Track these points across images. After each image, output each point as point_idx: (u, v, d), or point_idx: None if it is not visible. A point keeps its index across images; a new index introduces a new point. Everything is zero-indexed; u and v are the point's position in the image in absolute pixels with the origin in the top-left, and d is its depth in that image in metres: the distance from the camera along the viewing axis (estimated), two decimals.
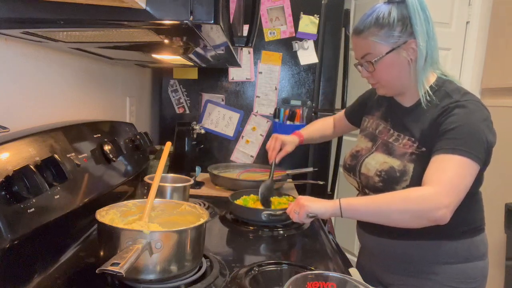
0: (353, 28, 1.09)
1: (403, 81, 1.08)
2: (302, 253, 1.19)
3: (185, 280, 0.87)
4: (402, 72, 1.06)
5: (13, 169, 0.75)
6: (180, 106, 2.15)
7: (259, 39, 2.02)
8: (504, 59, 2.28)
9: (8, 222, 0.71)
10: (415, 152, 1.05)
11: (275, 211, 1.29)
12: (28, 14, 0.69)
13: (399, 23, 1.01)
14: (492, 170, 1.07)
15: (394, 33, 1.02)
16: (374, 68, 1.06)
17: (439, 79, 1.09)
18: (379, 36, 1.02)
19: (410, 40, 1.02)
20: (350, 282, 0.68)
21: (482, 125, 0.98)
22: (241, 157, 2.14)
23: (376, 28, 1.02)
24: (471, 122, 0.98)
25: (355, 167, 1.19)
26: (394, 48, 1.03)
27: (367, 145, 1.21)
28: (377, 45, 1.03)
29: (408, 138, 1.08)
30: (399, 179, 1.05)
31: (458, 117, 0.99)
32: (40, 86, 1.09)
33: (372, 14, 1.04)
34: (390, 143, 1.12)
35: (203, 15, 0.67)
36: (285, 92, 2.10)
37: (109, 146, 1.20)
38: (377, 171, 1.10)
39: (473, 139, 0.96)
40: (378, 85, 1.13)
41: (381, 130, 1.18)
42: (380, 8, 1.04)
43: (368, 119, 1.27)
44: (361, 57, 1.09)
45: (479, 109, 1.01)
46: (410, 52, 1.03)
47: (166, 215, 1.01)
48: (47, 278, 0.85)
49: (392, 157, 1.09)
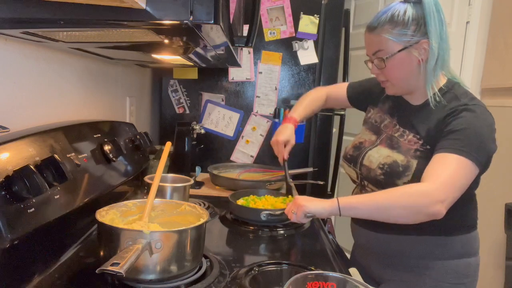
0: (367, 25, 1.10)
1: (412, 80, 1.09)
2: (302, 253, 1.19)
3: (185, 280, 0.87)
4: (412, 71, 1.07)
5: (13, 169, 0.75)
6: (180, 106, 2.15)
7: (259, 39, 2.02)
8: (504, 59, 2.28)
9: (8, 222, 0.71)
10: (420, 149, 1.07)
11: (275, 211, 1.29)
12: (28, 14, 0.69)
13: (414, 22, 1.02)
14: (492, 170, 1.07)
15: (408, 32, 1.03)
16: (385, 65, 1.07)
17: (449, 82, 1.11)
18: (392, 34, 1.03)
19: (423, 40, 1.03)
20: (350, 282, 0.68)
21: (487, 131, 1.01)
22: (241, 157, 2.14)
23: (390, 25, 1.03)
24: (477, 126, 1.00)
25: (357, 158, 1.20)
26: (406, 47, 1.04)
27: (370, 137, 1.22)
28: (390, 42, 1.04)
29: (413, 135, 1.10)
30: (401, 174, 1.07)
31: (465, 120, 1.01)
32: (40, 86, 1.09)
33: (387, 12, 1.05)
34: (395, 138, 1.14)
35: (203, 15, 0.67)
36: (285, 92, 2.10)
37: (109, 146, 1.20)
38: (380, 164, 1.11)
39: (477, 142, 0.98)
40: (388, 84, 1.13)
41: (387, 124, 1.19)
42: (396, 6, 1.05)
43: (373, 110, 1.27)
44: (373, 54, 1.10)
45: (486, 115, 1.03)
46: (422, 52, 1.04)
47: (166, 215, 1.01)
48: (47, 278, 0.85)
49: (396, 152, 1.10)
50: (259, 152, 2.13)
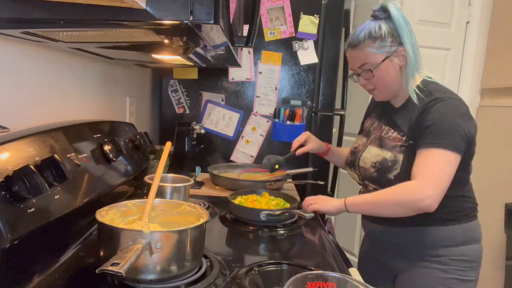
0: (347, 44, 1.25)
1: (397, 84, 1.23)
2: (302, 253, 1.19)
3: (185, 280, 0.87)
4: (396, 76, 1.22)
5: (13, 169, 0.75)
6: (180, 106, 2.15)
7: (259, 39, 2.02)
8: (504, 59, 2.28)
9: (8, 222, 0.71)
10: (404, 145, 1.20)
11: (274, 211, 1.30)
12: (28, 14, 0.69)
13: (389, 35, 1.18)
14: (492, 170, 1.07)
15: (386, 44, 1.18)
16: (373, 75, 1.21)
17: (424, 81, 1.24)
18: (374, 47, 1.19)
19: (400, 48, 1.19)
20: (350, 282, 0.68)
21: (458, 119, 1.12)
22: (241, 157, 2.14)
23: (370, 40, 1.19)
24: (448, 116, 1.13)
25: (354, 162, 1.36)
26: (388, 56, 1.19)
27: (362, 141, 1.37)
28: (373, 55, 1.19)
29: (398, 133, 1.24)
30: (391, 168, 1.21)
31: (436, 113, 1.13)
32: (40, 86, 1.09)
33: (364, 30, 1.19)
34: (382, 138, 1.28)
35: (203, 15, 0.67)
36: (285, 92, 2.10)
37: (109, 146, 1.20)
38: (372, 163, 1.26)
39: (451, 132, 1.11)
40: (376, 91, 1.27)
41: (375, 127, 1.34)
42: (370, 25, 1.20)
43: (367, 121, 1.43)
44: (359, 67, 1.24)
45: (455, 104, 1.15)
46: (401, 58, 1.20)
47: (166, 215, 1.01)
48: (47, 278, 0.85)
49: (384, 150, 1.25)
50: (259, 152, 2.13)
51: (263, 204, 1.38)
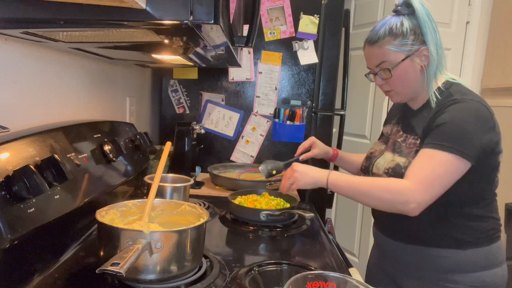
0: (366, 39, 1.15)
1: (416, 86, 1.13)
2: (302, 253, 1.19)
3: (185, 280, 0.87)
4: (416, 78, 1.12)
5: (13, 169, 0.75)
6: (180, 106, 2.15)
7: (259, 39, 2.02)
8: (504, 59, 2.28)
9: (8, 222, 0.71)
10: (418, 149, 1.09)
11: (274, 211, 1.29)
12: (28, 14, 0.69)
13: (411, 32, 1.08)
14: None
15: (408, 42, 1.08)
16: (391, 75, 1.11)
17: (447, 83, 1.13)
18: (394, 45, 1.08)
19: (422, 48, 1.08)
20: (350, 282, 0.68)
21: (474, 123, 1.01)
22: (241, 157, 2.14)
23: (390, 37, 1.08)
24: (461, 118, 1.02)
25: (368, 168, 1.26)
26: (408, 55, 1.08)
27: (380, 147, 1.27)
28: (393, 53, 1.09)
29: (413, 137, 1.14)
30: (404, 175, 1.09)
31: (449, 114, 1.04)
32: (40, 86, 1.09)
33: (385, 25, 1.09)
34: (398, 143, 1.18)
35: (203, 15, 0.67)
36: (285, 92, 2.10)
37: (109, 146, 1.20)
38: (385, 169, 1.16)
39: (460, 135, 1.00)
40: (392, 93, 1.17)
41: (394, 132, 1.25)
42: (391, 20, 1.10)
43: (386, 126, 1.33)
44: (376, 66, 1.14)
45: (476, 107, 1.04)
46: (423, 58, 1.09)
47: (166, 215, 1.01)
48: (47, 278, 0.85)
49: (398, 155, 1.15)
50: (259, 152, 2.13)
51: (263, 204, 1.38)
